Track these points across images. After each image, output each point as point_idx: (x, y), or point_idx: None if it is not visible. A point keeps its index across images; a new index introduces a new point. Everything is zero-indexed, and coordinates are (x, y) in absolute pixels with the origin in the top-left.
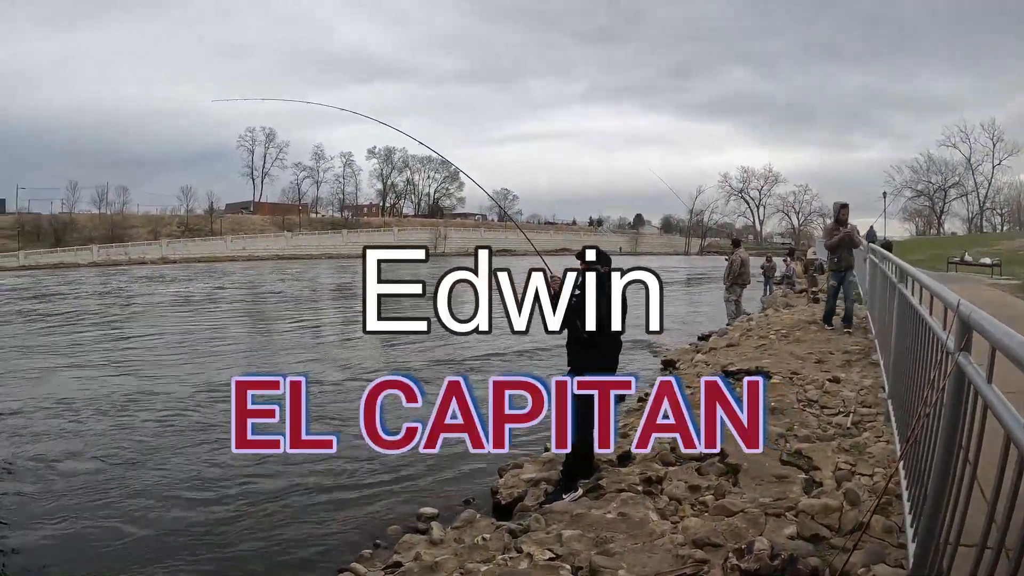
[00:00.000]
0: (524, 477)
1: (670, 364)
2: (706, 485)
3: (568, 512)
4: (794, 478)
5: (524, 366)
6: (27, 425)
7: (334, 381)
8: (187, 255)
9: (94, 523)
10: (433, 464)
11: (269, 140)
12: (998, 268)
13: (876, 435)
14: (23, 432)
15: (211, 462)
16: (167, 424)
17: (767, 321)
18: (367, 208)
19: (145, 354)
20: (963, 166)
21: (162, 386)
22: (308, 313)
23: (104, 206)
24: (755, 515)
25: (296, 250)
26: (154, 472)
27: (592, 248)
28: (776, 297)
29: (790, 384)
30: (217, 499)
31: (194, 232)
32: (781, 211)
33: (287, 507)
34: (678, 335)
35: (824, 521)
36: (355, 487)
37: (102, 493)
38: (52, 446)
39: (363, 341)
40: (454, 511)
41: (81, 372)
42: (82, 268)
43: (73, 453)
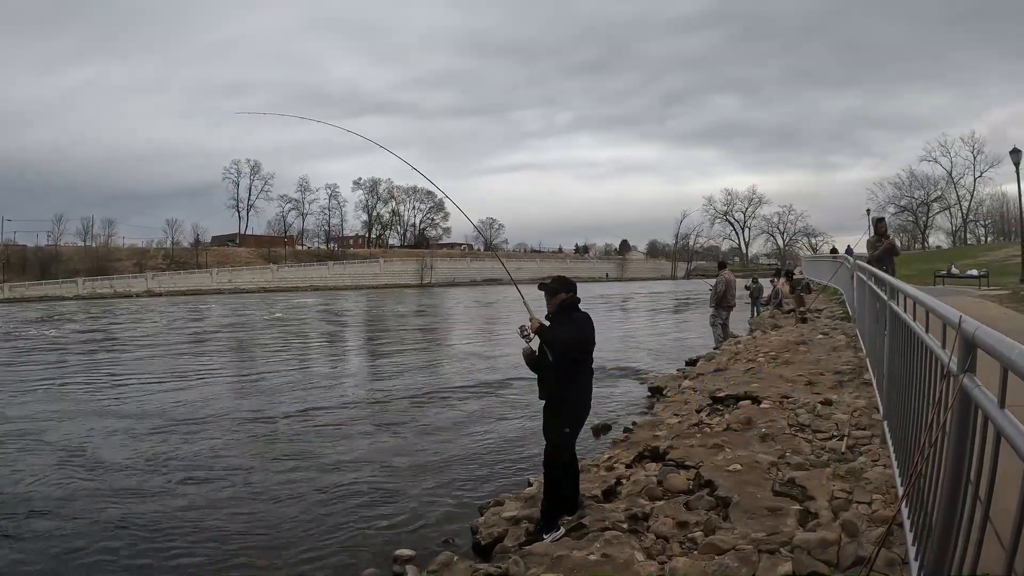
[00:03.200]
0: (505, 515)
1: (657, 391)
2: (695, 520)
3: (548, 554)
4: (788, 510)
5: (491, 403)
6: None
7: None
8: (173, 288)
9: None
10: (413, 500)
11: (254, 172)
12: (985, 279)
13: (872, 459)
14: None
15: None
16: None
17: (755, 343)
18: (353, 239)
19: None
20: (945, 180)
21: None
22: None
23: (90, 238)
24: (747, 552)
25: (282, 282)
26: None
27: (546, 281)
28: (764, 318)
29: (781, 408)
30: (179, 539)
31: (180, 265)
32: (766, 232)
33: (255, 546)
34: (665, 361)
35: (822, 556)
36: (330, 527)
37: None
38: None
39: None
40: (432, 552)
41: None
42: (67, 301)
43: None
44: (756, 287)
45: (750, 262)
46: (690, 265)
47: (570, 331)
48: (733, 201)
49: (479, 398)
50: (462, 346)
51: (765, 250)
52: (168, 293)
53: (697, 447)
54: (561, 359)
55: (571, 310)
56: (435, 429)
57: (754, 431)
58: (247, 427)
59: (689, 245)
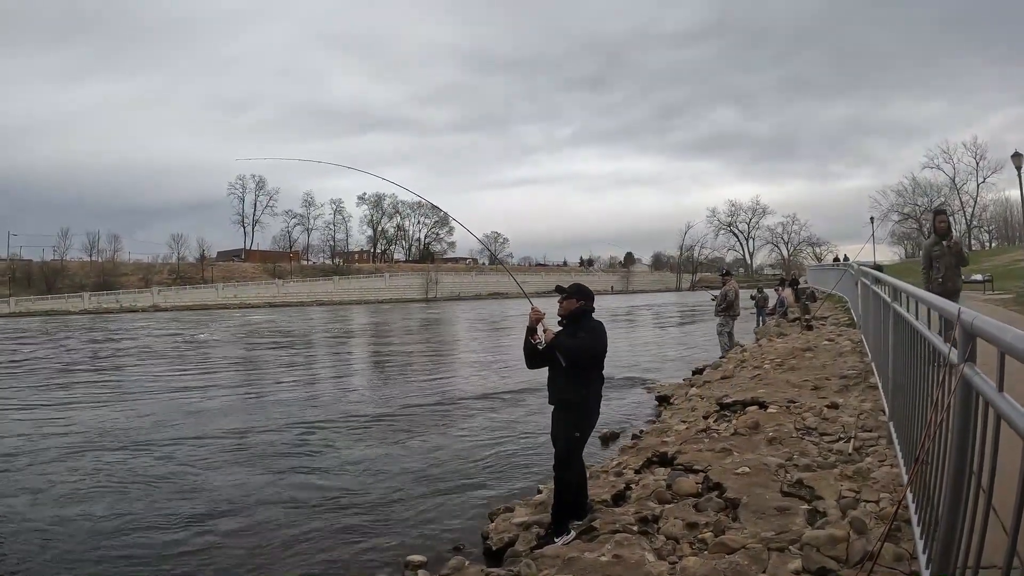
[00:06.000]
0: (515, 521)
1: (664, 400)
2: (704, 522)
3: (560, 556)
4: (796, 509)
5: (499, 411)
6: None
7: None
8: (178, 303)
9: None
10: (423, 506)
11: (259, 188)
12: (990, 283)
13: (879, 459)
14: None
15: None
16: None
17: (761, 351)
18: (358, 254)
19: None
20: (948, 186)
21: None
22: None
23: (95, 253)
24: (757, 551)
25: (287, 297)
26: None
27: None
28: (769, 327)
29: (787, 413)
30: (189, 546)
31: (185, 280)
32: (770, 243)
33: (267, 552)
34: (672, 370)
35: (831, 553)
36: (340, 530)
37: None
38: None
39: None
40: (443, 558)
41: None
42: (73, 315)
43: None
44: (761, 296)
45: (755, 273)
46: (695, 276)
47: (584, 339)
48: (737, 212)
49: (487, 406)
50: (470, 356)
51: (770, 260)
52: (174, 308)
53: (705, 451)
54: (573, 365)
55: (585, 319)
56: (445, 437)
57: (761, 435)
58: (252, 438)
59: (694, 256)
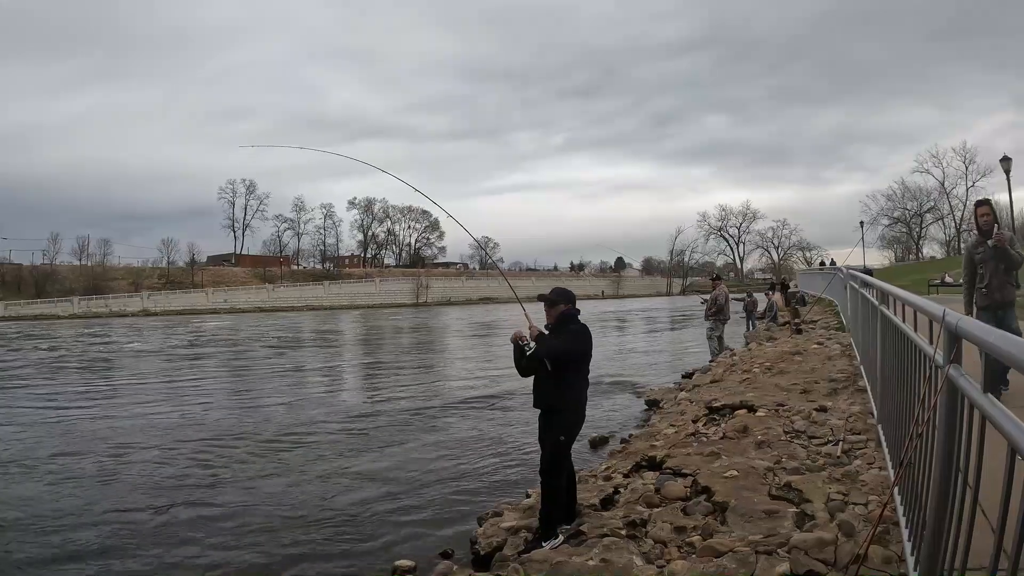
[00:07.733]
0: (504, 525)
1: (654, 404)
2: (692, 525)
3: (548, 560)
4: (785, 512)
5: (488, 417)
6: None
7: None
8: (168, 307)
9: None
10: (411, 511)
11: (249, 192)
12: None
13: (868, 462)
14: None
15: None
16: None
17: (750, 355)
18: (348, 259)
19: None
20: (937, 191)
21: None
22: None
23: (85, 257)
24: (745, 554)
25: (278, 302)
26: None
27: (547, 293)
28: (759, 331)
29: (776, 416)
30: (179, 548)
31: (175, 284)
32: (761, 247)
33: (253, 557)
34: (662, 374)
35: (819, 556)
36: (328, 538)
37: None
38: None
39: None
40: (431, 563)
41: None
42: (63, 319)
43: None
44: (751, 301)
45: (745, 277)
46: (685, 281)
47: (567, 339)
48: (727, 217)
49: (476, 412)
50: (459, 361)
51: (760, 265)
52: (163, 312)
53: (694, 455)
54: (555, 363)
55: (570, 321)
56: (433, 442)
57: (750, 438)
58: (243, 442)
59: (684, 261)
